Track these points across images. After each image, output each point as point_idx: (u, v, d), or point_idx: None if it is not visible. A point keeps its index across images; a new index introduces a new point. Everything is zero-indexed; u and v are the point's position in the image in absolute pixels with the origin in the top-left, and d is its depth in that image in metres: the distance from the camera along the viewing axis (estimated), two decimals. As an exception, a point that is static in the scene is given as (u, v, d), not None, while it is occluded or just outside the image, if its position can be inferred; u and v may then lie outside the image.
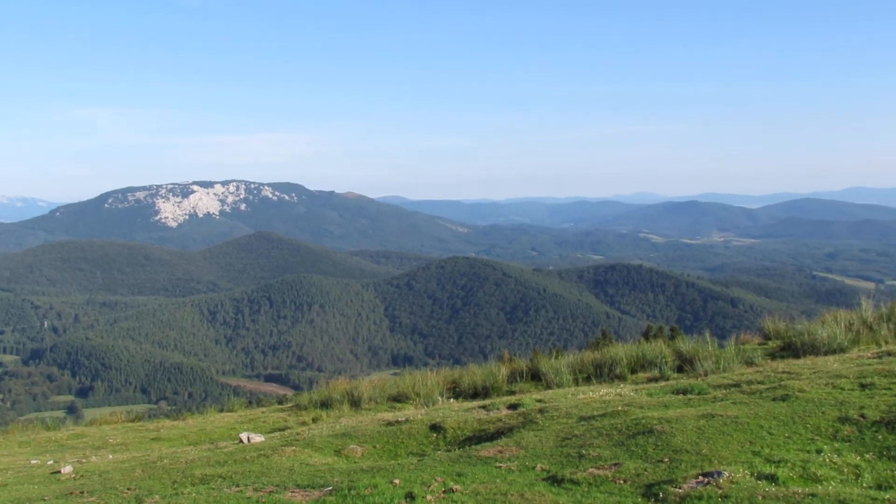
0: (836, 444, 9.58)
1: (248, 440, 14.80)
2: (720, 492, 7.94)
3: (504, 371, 21.46)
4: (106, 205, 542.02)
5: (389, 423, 14.52)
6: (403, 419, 14.74)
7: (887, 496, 7.38)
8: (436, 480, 9.60)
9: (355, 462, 12.19)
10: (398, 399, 20.93)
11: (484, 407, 15.67)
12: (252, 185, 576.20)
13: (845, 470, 8.69)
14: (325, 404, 21.92)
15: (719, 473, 8.46)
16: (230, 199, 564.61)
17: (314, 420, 19.60)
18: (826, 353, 18.62)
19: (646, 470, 9.17)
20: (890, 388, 11.58)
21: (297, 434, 15.24)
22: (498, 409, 15.14)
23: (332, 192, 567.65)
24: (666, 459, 9.45)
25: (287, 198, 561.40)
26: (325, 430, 14.91)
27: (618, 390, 15.66)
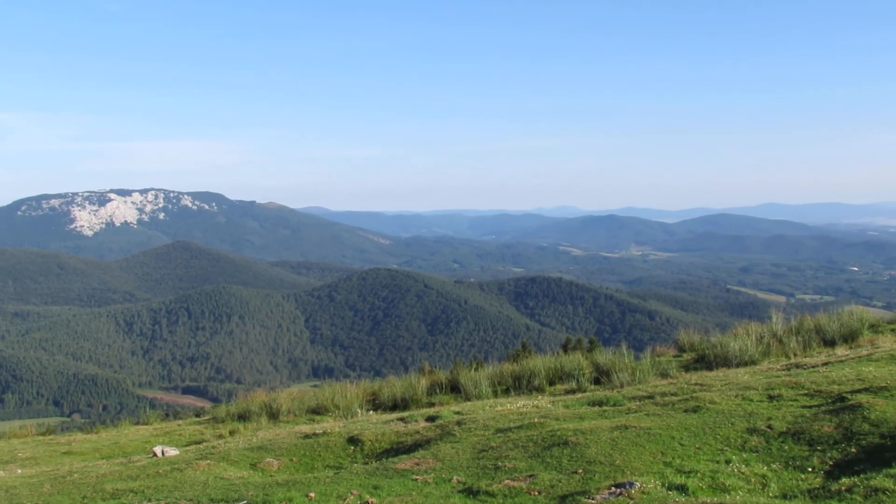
0: (745, 455, 9.81)
1: (163, 454, 14.54)
2: (631, 502, 8.06)
3: (424, 383, 21.47)
4: (19, 212, 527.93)
5: (307, 436, 14.42)
6: (321, 432, 14.66)
7: (791, 505, 7.59)
8: (351, 493, 9.57)
9: (271, 475, 12.07)
10: (317, 411, 20.78)
11: (402, 419, 15.66)
12: (171, 194, 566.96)
13: (753, 480, 8.91)
14: (243, 417, 21.65)
15: (631, 484, 8.59)
16: (148, 207, 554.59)
17: (231, 433, 19.34)
18: (738, 366, 19.03)
19: (560, 481, 9.27)
20: (797, 400, 11.91)
21: (213, 447, 15.03)
22: (416, 421, 15.15)
23: (252, 202, 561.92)
24: (580, 471, 9.57)
25: (207, 207, 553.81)
26: (241, 443, 14.74)
27: (535, 402, 15.79)
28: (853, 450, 9.45)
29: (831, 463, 9.26)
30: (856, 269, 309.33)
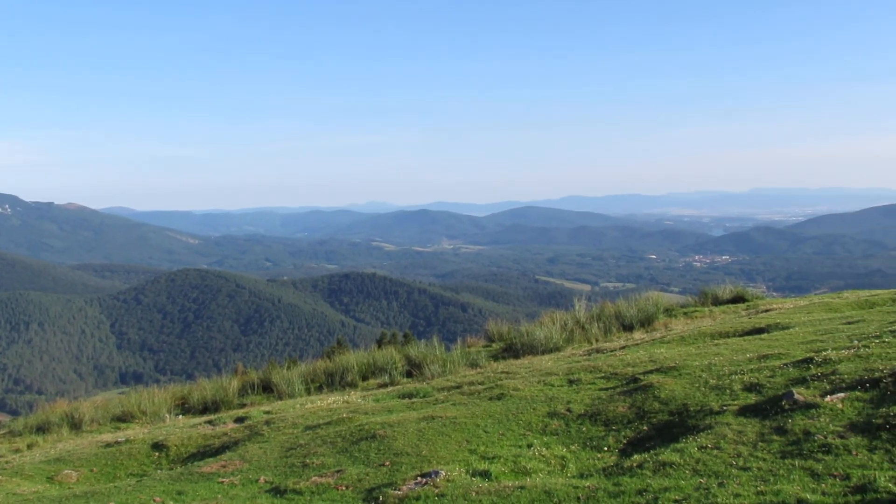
0: (546, 438, 10.16)
1: (-51, 472, 13.65)
2: (437, 491, 8.20)
3: (235, 384, 21.06)
4: None
5: (109, 445, 13.89)
6: (124, 439, 14.15)
7: (587, 483, 7.91)
8: (154, 501, 9.29)
9: (69, 488, 11.54)
10: (123, 419, 20.02)
11: (210, 422, 15.34)
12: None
13: (553, 462, 9.24)
14: (43, 429, 20.58)
15: (437, 473, 8.73)
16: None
17: (29, 446, 18.34)
18: (543, 353, 19.66)
19: (367, 475, 9.33)
20: (594, 383, 12.43)
21: (7, 462, 14.23)
22: (225, 423, 14.88)
23: (50, 204, 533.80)
24: (387, 463, 9.66)
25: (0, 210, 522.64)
26: (38, 456, 14.03)
27: (346, 398, 15.81)
28: (645, 428, 9.95)
29: (625, 441, 9.71)
30: (654, 257, 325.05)
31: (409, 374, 19.94)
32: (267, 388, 20.97)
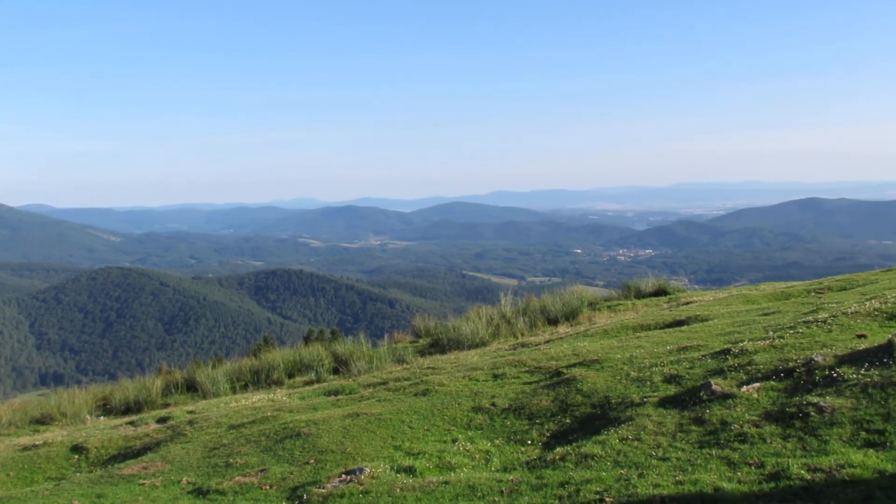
0: (470, 433, 10.23)
1: None
2: (361, 488, 8.19)
3: (159, 384, 20.76)
4: None
5: (26, 448, 13.57)
6: (42, 442, 13.83)
7: (511, 477, 7.98)
8: (73, 504, 9.12)
9: (-16, 493, 11.25)
10: (42, 421, 19.56)
11: (132, 423, 15.10)
12: None
13: (477, 456, 9.30)
14: (-44, 434, 20.05)
15: (361, 470, 8.73)
16: None
17: (-58, 453, 17.86)
18: (469, 348, 19.76)
19: (292, 473, 9.27)
20: (519, 378, 12.54)
21: (-81, 468, 13.82)
22: (147, 423, 14.66)
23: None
24: (312, 461, 9.62)
25: None
26: (-49, 463, 13.64)
27: (271, 396, 15.71)
28: (568, 421, 10.07)
29: (548, 434, 9.82)
30: (579, 251, 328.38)
31: (335, 371, 19.90)
32: (191, 388, 20.74)
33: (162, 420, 14.72)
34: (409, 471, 8.75)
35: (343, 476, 8.69)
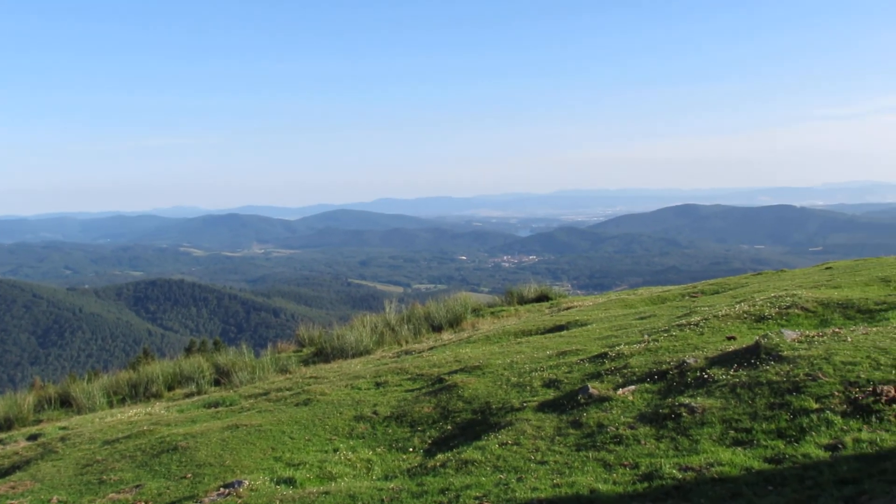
0: (352, 442, 10.18)
1: None
2: (240, 501, 8.05)
3: (31, 399, 19.98)
4: None
5: None
6: None
7: (391, 485, 7.96)
8: (-66, 528, 8.71)
9: None
10: None
11: (0, 441, 14.50)
12: None
13: (358, 465, 9.25)
14: None
15: (240, 483, 8.58)
16: None
17: None
18: (354, 356, 19.69)
19: (168, 488, 9.06)
20: (401, 385, 12.55)
21: None
22: (16, 441, 14.11)
23: None
24: (189, 475, 9.41)
25: None
26: None
27: (149, 409, 15.32)
28: (449, 427, 10.12)
29: (430, 441, 9.85)
30: (464, 258, 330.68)
31: (217, 383, 19.54)
32: (66, 403, 20.04)
33: (32, 437, 14.18)
34: (290, 482, 8.64)
35: (221, 489, 8.53)
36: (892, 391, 7.69)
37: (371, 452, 9.68)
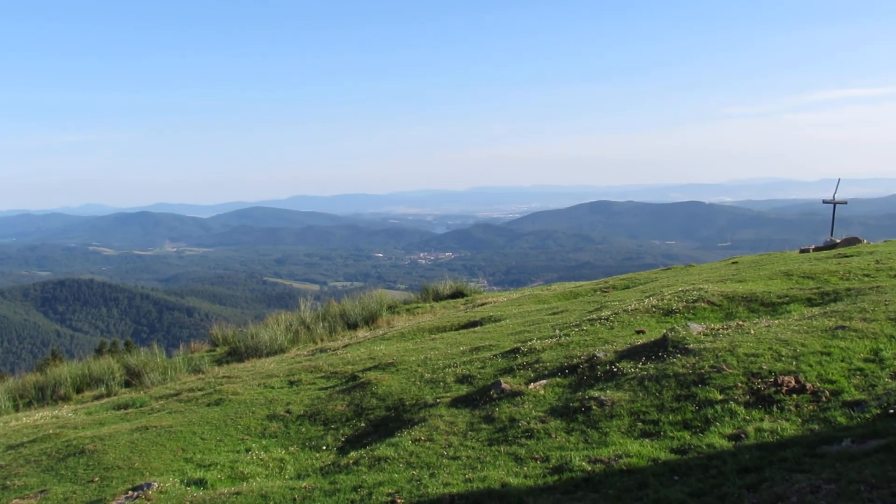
0: (265, 442, 10.09)
1: None
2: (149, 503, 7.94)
3: (-70, 405, 19.35)
4: None
5: None
6: None
7: (304, 484, 7.92)
8: None
9: None
10: None
11: None
12: None
13: (271, 465, 9.18)
14: None
15: (149, 485, 8.44)
16: None
17: None
18: (268, 355, 19.52)
19: (75, 493, 8.86)
20: (315, 383, 12.49)
21: None
22: (-86, 449, 13.61)
23: None
24: (97, 479, 9.22)
25: None
26: None
27: (56, 412, 14.95)
28: (363, 424, 10.12)
29: (343, 439, 9.83)
30: (381, 255, 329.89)
31: (128, 384, 19.17)
32: (-32, 409, 19.43)
33: (-68, 444, 13.72)
34: (200, 483, 8.54)
35: (129, 493, 8.38)
36: (793, 382, 7.95)
37: (284, 451, 9.62)
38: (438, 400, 9.96)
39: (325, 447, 9.66)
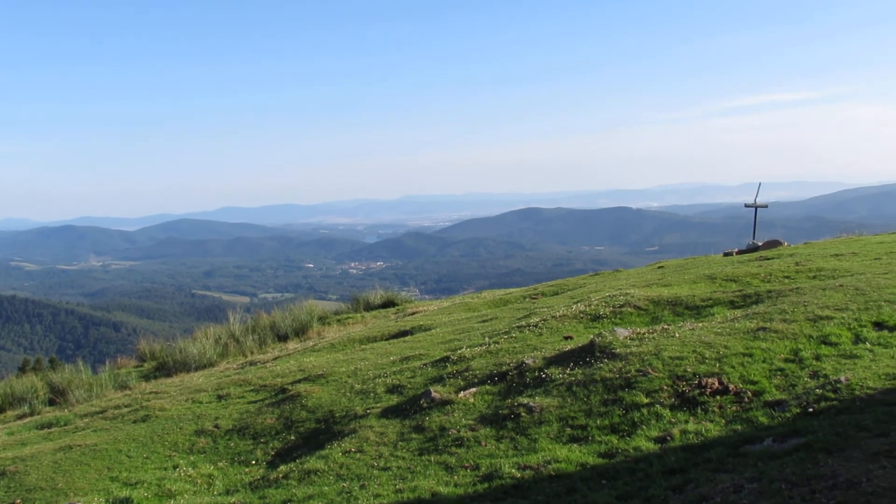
0: (193, 457, 9.95)
1: None
2: (73, 525, 7.77)
3: None
4: None
5: None
6: None
7: (233, 500, 7.84)
8: None
9: None
10: None
11: None
12: None
13: (199, 481, 9.06)
14: None
15: (73, 506, 8.28)
16: None
17: None
18: (197, 369, 19.25)
19: (-5, 516, 8.65)
20: (243, 397, 12.36)
21: None
22: None
23: None
24: (18, 501, 9.00)
25: None
26: None
27: (-25, 434, 14.54)
28: (293, 437, 10.04)
29: (273, 453, 9.75)
30: (311, 265, 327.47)
31: (52, 403, 18.73)
32: None
33: None
34: (126, 502, 8.39)
35: (53, 514, 8.20)
36: (716, 383, 8.10)
37: (212, 467, 9.50)
38: (369, 411, 9.93)
39: (254, 461, 9.57)
